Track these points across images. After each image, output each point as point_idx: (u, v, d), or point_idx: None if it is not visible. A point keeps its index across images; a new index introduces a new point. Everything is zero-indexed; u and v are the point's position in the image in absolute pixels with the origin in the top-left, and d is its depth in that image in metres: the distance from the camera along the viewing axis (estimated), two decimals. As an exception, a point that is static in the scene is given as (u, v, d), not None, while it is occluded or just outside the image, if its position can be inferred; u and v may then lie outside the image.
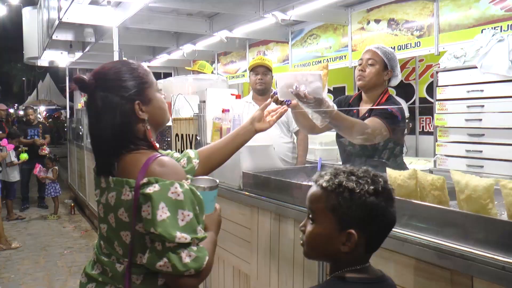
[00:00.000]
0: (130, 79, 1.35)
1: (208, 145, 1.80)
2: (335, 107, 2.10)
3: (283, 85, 2.00)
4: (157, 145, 1.40)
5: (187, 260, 1.20)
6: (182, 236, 1.19)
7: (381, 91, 2.44)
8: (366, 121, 2.30)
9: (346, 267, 1.11)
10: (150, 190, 1.20)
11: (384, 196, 1.10)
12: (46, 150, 7.65)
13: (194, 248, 1.23)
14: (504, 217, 1.32)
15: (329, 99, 2.07)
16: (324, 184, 1.11)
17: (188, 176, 1.60)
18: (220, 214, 1.51)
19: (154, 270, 1.24)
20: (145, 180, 1.23)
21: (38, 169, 7.28)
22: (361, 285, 1.10)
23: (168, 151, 1.68)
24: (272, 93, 2.10)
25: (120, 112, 1.32)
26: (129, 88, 1.34)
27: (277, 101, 2.04)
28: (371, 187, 1.08)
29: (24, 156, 7.18)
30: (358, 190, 1.07)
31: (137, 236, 1.27)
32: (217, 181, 1.49)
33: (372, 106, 2.40)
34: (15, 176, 7.13)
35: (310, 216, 1.14)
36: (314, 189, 1.15)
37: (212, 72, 4.98)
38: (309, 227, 1.14)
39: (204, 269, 1.24)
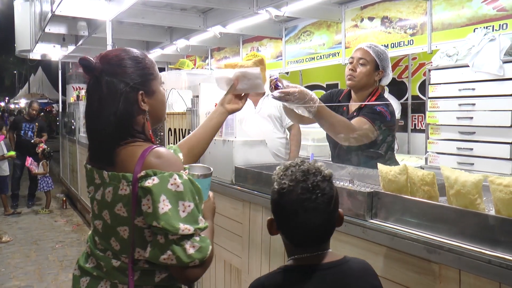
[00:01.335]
0: (136, 68, 1.34)
1: (187, 137, 1.78)
2: (318, 102, 2.11)
3: (221, 77, 1.93)
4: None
5: (191, 251, 1.20)
6: (185, 228, 1.19)
7: (371, 91, 2.41)
8: (352, 121, 2.26)
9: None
10: (149, 183, 1.19)
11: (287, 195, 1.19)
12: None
13: (197, 238, 1.22)
14: (492, 212, 1.34)
15: (312, 93, 2.07)
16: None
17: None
18: (214, 202, 1.52)
19: (157, 264, 1.24)
20: (142, 173, 1.21)
21: (29, 161, 7.18)
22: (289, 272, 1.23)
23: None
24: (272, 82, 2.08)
25: (124, 99, 1.29)
26: (134, 77, 1.32)
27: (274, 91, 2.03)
28: (275, 188, 1.22)
29: (12, 153, 7.08)
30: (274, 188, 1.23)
31: (136, 231, 1.26)
32: (211, 168, 1.50)
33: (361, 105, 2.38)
34: (6, 170, 7.05)
35: None
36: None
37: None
38: None
39: (208, 259, 1.26)
